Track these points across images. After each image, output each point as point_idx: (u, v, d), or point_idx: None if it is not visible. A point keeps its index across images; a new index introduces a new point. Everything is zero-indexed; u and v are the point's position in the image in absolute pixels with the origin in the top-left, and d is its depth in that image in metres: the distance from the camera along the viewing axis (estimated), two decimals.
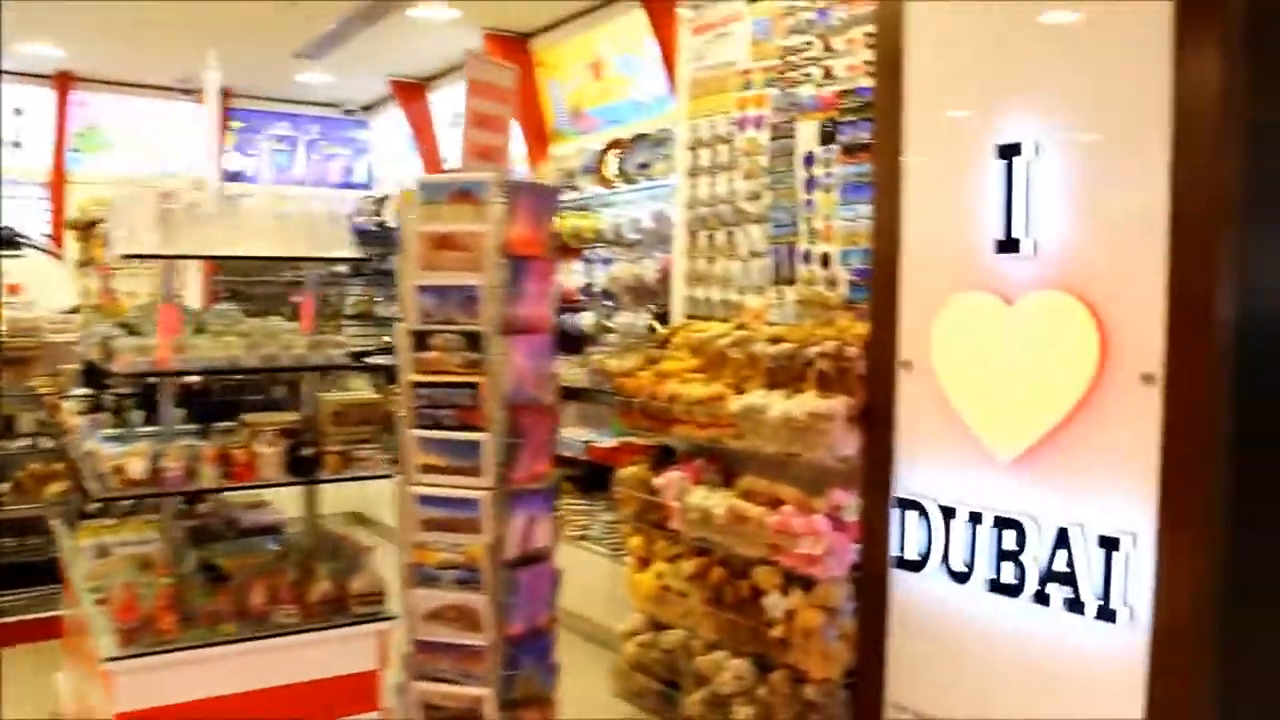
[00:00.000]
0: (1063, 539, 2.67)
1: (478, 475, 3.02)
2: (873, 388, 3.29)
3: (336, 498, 4.33)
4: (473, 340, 3.04)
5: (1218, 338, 2.43)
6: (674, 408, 4.02)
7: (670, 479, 4.07)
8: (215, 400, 3.77)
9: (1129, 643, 2.54)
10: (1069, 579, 2.65)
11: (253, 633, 3.42)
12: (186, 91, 9.71)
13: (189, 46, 7.82)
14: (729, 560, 3.86)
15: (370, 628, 3.61)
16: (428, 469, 3.06)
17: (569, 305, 6.43)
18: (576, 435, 6.11)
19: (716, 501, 3.81)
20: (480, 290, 3.02)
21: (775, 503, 3.64)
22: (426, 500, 3.05)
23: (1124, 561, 2.55)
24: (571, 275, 6.38)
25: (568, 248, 6.54)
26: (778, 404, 3.52)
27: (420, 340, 3.08)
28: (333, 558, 3.66)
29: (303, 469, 3.46)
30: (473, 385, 3.01)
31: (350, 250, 3.79)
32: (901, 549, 3.13)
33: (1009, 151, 2.80)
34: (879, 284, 3.29)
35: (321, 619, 3.52)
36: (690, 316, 4.74)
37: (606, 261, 6.07)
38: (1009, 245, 2.81)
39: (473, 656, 3.07)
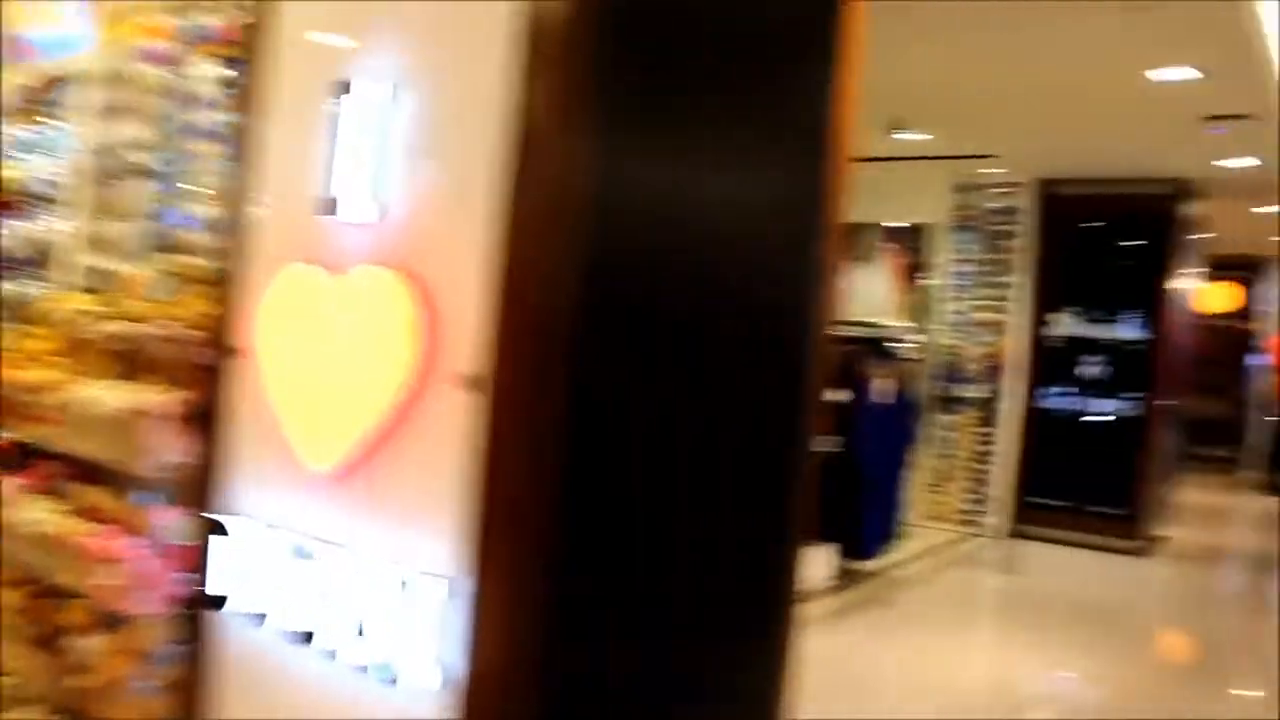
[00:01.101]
0: (364, 579, 2.11)
1: None
2: (207, 381, 2.63)
3: None
4: None
5: (553, 337, 1.98)
6: (9, 396, 3.20)
7: None
8: None
9: (431, 713, 2.02)
10: (364, 629, 2.10)
11: None
12: None
13: None
14: (57, 591, 3.07)
15: None
16: None
17: None
18: None
19: (39, 518, 3.02)
20: None
21: (108, 520, 2.92)
22: None
23: (428, 612, 2.01)
24: None
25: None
26: (103, 398, 2.80)
27: None
28: None
29: None
30: None
31: None
32: (215, 581, 2.48)
33: (342, 90, 2.24)
34: (224, 253, 2.64)
35: None
36: (86, 289, 3.89)
37: (31, 220, 5.01)
38: (336, 205, 2.24)
39: None
